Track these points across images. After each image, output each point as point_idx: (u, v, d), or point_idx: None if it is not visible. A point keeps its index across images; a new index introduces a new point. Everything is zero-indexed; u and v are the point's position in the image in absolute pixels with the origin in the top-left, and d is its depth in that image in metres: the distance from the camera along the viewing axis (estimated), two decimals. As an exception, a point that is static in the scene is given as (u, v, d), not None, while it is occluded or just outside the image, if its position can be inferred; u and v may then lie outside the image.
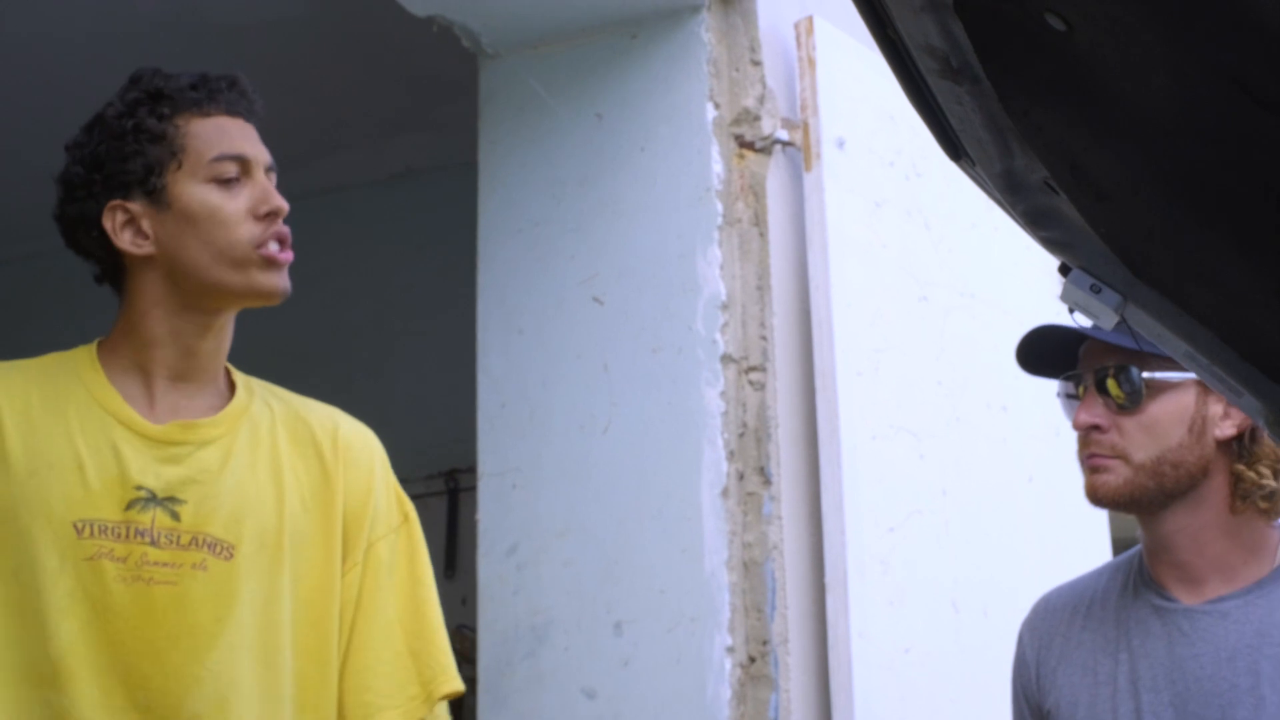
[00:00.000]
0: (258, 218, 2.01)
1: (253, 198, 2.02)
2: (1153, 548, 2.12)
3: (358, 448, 2.14)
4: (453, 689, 2.13)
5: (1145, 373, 2.07)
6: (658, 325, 3.17)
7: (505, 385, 3.27)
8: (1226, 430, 2.08)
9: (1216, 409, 2.08)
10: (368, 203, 5.05)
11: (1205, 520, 2.07)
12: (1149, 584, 2.11)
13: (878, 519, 3.19)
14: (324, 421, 2.13)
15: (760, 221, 3.22)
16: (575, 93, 3.34)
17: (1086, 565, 2.29)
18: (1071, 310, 1.22)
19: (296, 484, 2.07)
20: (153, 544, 1.94)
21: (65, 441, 1.97)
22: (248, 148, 2.04)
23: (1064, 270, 1.21)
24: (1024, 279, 3.61)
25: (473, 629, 3.37)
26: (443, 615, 2.17)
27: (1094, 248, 1.14)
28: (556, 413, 3.22)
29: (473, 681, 3.23)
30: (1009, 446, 3.56)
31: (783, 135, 3.28)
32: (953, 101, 1.08)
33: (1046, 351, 2.18)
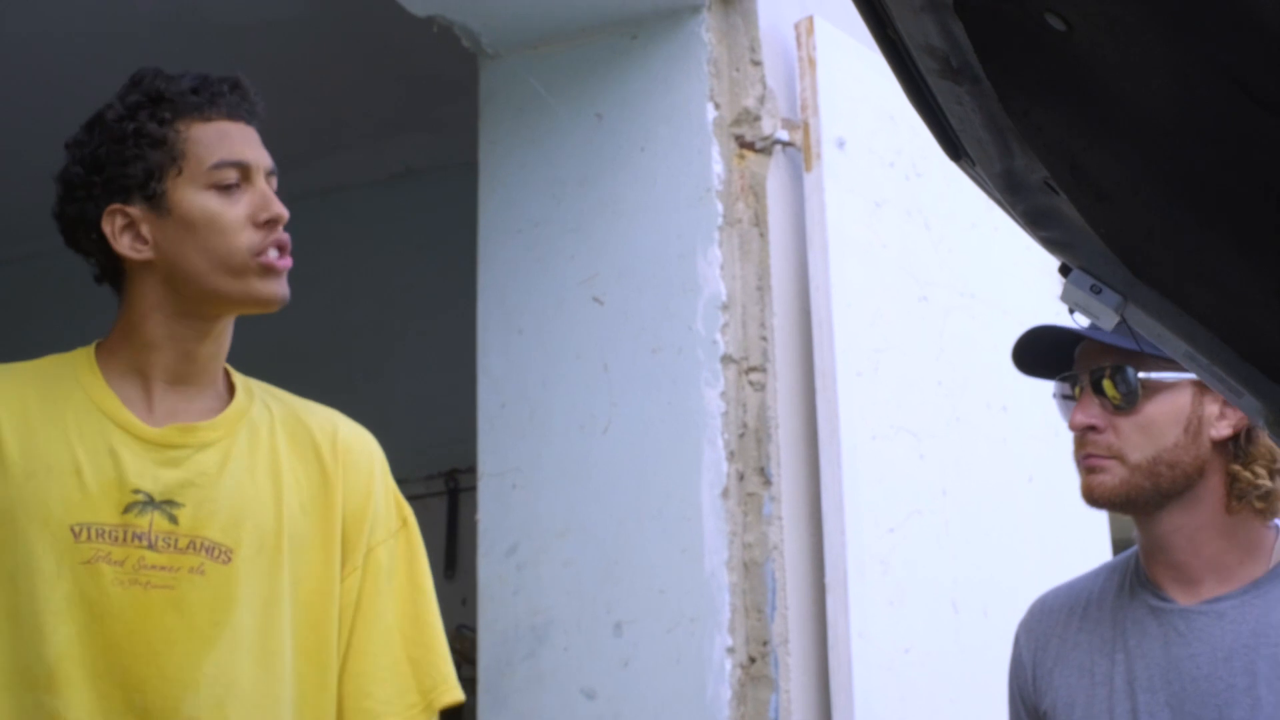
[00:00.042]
0: (257, 225, 2.00)
1: (252, 204, 2.01)
2: (1149, 548, 2.12)
3: (357, 451, 2.13)
4: (453, 699, 2.12)
5: (1141, 373, 2.07)
6: (658, 325, 3.17)
7: (505, 385, 3.27)
8: (1222, 430, 2.08)
9: (1212, 409, 2.08)
10: (368, 203, 5.05)
11: (1201, 520, 2.08)
12: (1145, 584, 2.11)
13: (878, 519, 3.19)
14: (323, 424, 2.12)
15: (760, 222, 3.21)
16: (575, 93, 3.34)
17: (1086, 565, 2.29)
18: (1072, 310, 1.22)
19: (296, 487, 2.05)
20: (150, 547, 1.94)
21: (63, 445, 1.96)
22: (248, 153, 2.03)
23: (1064, 270, 1.21)
24: (1024, 279, 3.61)
25: (473, 629, 3.37)
26: (442, 621, 2.16)
27: (1094, 248, 1.14)
28: (556, 413, 3.21)
29: (473, 682, 3.23)
30: (1009, 447, 3.56)
31: (783, 135, 3.28)
32: (953, 101, 1.08)
33: (1042, 352, 2.18)
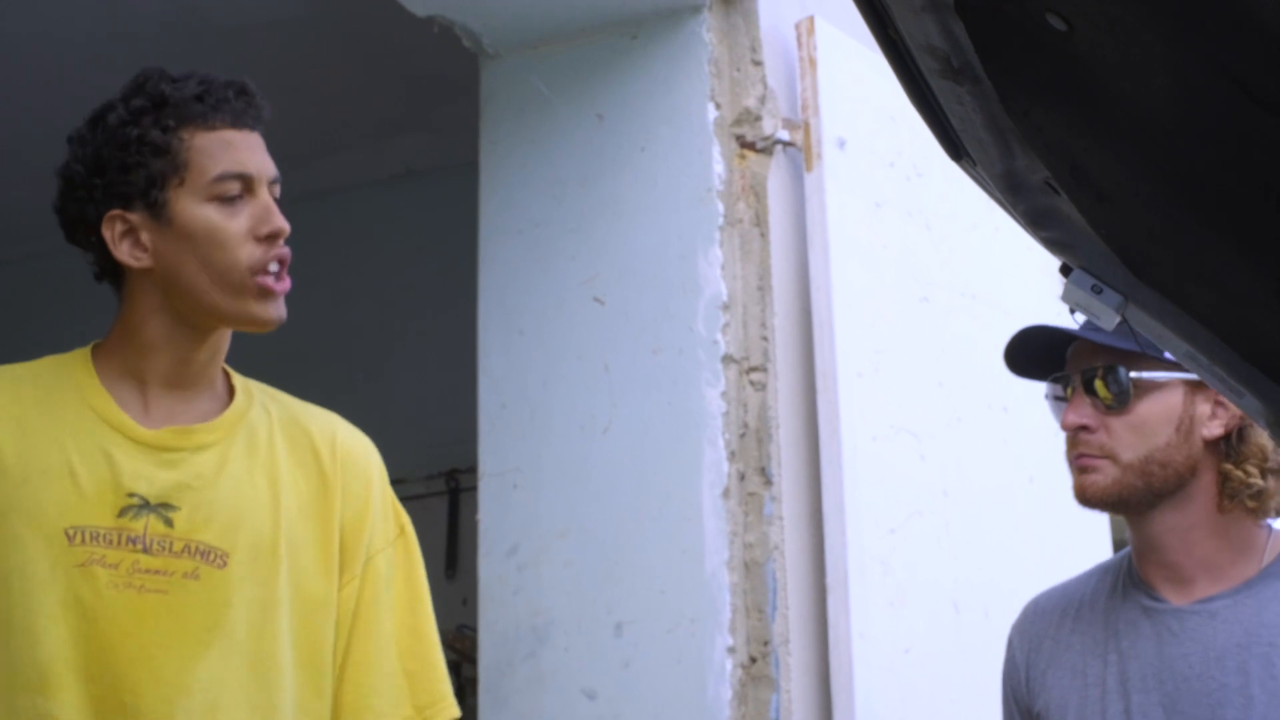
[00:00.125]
0: (258, 239, 1.97)
1: (254, 217, 1.98)
2: (1141, 548, 2.12)
3: (357, 457, 2.11)
4: (449, 717, 2.10)
5: (1133, 373, 2.08)
6: (658, 326, 3.17)
7: (506, 386, 3.27)
8: (1214, 430, 2.08)
9: (1204, 409, 2.08)
10: (368, 203, 5.05)
11: (1193, 520, 2.08)
12: (1138, 585, 2.11)
13: (878, 520, 3.19)
14: (323, 428, 2.11)
15: (761, 222, 3.21)
16: (576, 93, 3.34)
17: (1087, 566, 2.29)
18: (1073, 311, 1.22)
19: (294, 491, 2.04)
20: (145, 551, 1.93)
21: (58, 448, 1.95)
22: (251, 164, 2.00)
23: (1065, 271, 1.21)
24: (1025, 280, 3.61)
25: (473, 629, 3.37)
26: (438, 631, 2.14)
27: (1095, 248, 1.14)
28: (557, 413, 3.21)
29: (473, 682, 3.23)
30: (1010, 447, 3.56)
31: (784, 135, 3.28)
32: (954, 102, 1.08)
33: (1035, 353, 2.18)
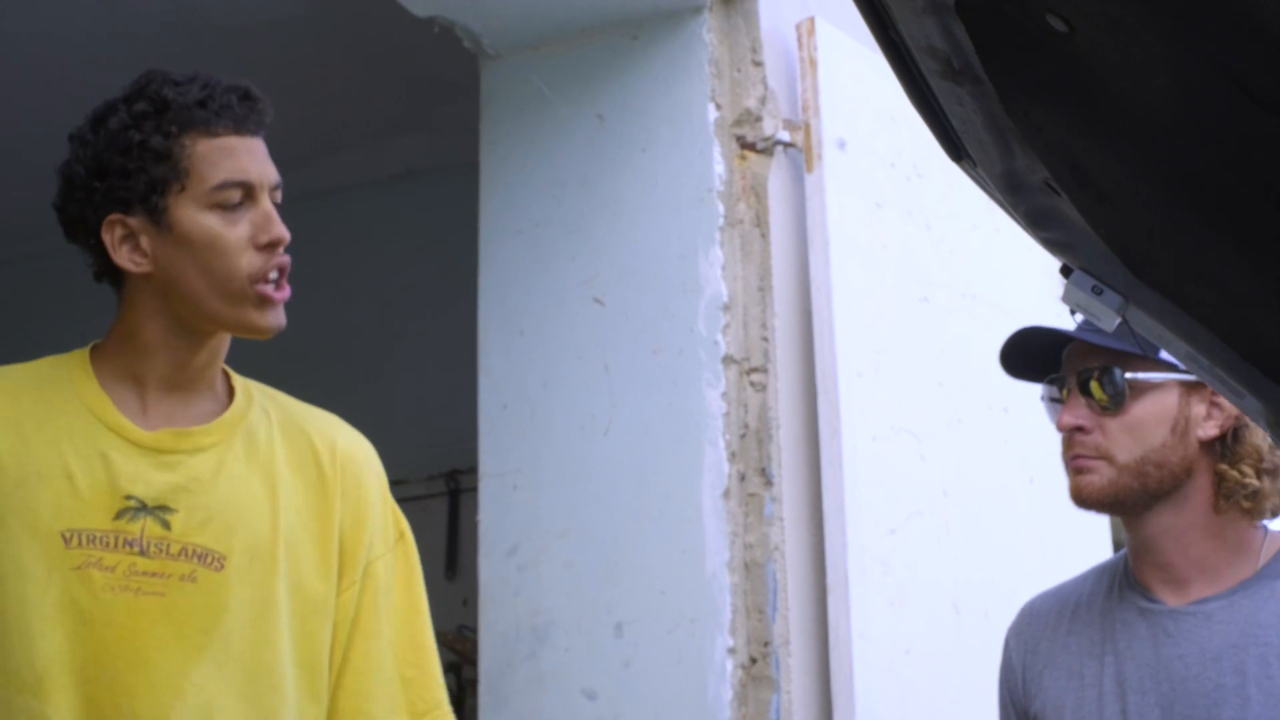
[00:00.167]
0: (258, 247, 1.96)
1: (254, 225, 1.97)
2: (1137, 549, 2.12)
3: (357, 460, 2.10)
4: None
5: (1128, 374, 2.08)
6: (659, 326, 3.17)
7: (506, 386, 3.27)
8: (1209, 430, 2.08)
9: (1199, 409, 2.08)
10: (368, 203, 5.05)
11: (1189, 521, 2.07)
12: (1134, 586, 2.11)
13: (879, 520, 3.19)
14: (323, 431, 2.10)
15: (761, 222, 3.22)
16: (576, 93, 3.34)
17: (1086, 567, 2.29)
18: (1073, 311, 1.22)
19: (292, 493, 2.03)
20: (142, 553, 1.92)
21: (54, 450, 1.94)
22: (253, 172, 1.99)
23: (1065, 271, 1.21)
24: (1025, 280, 3.61)
25: (473, 630, 3.37)
26: (438, 628, 2.14)
27: (1095, 249, 1.14)
28: (557, 413, 3.21)
29: (473, 683, 3.23)
30: (1010, 448, 3.55)
31: (784, 136, 3.28)
32: (954, 102, 1.08)
33: (1030, 354, 2.18)
